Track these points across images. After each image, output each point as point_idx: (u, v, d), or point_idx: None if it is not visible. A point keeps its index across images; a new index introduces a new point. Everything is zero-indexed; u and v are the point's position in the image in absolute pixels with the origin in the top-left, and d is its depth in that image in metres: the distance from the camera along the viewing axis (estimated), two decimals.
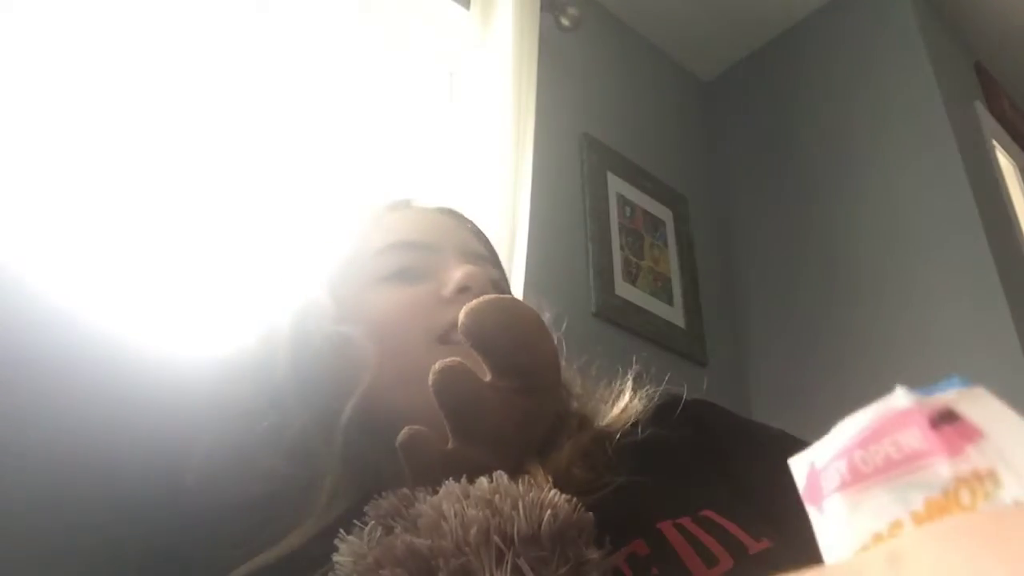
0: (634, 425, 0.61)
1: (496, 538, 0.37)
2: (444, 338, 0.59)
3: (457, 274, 0.61)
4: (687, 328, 1.93)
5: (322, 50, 1.45)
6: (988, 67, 2.36)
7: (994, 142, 2.13)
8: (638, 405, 0.64)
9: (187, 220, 0.97)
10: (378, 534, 0.42)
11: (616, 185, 1.95)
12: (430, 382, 0.49)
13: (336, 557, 0.42)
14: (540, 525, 0.38)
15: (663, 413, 0.64)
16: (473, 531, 0.37)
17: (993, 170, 2.03)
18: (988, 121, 2.16)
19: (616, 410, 0.64)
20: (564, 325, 0.77)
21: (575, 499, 0.43)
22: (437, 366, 0.49)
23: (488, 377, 0.51)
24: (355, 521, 0.44)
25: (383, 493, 0.46)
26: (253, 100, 1.24)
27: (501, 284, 0.68)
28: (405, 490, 0.45)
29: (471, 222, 0.74)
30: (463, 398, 0.49)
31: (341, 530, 0.44)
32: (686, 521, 0.50)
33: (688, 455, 0.62)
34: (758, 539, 0.51)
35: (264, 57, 1.31)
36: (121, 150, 0.98)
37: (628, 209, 1.96)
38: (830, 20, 2.25)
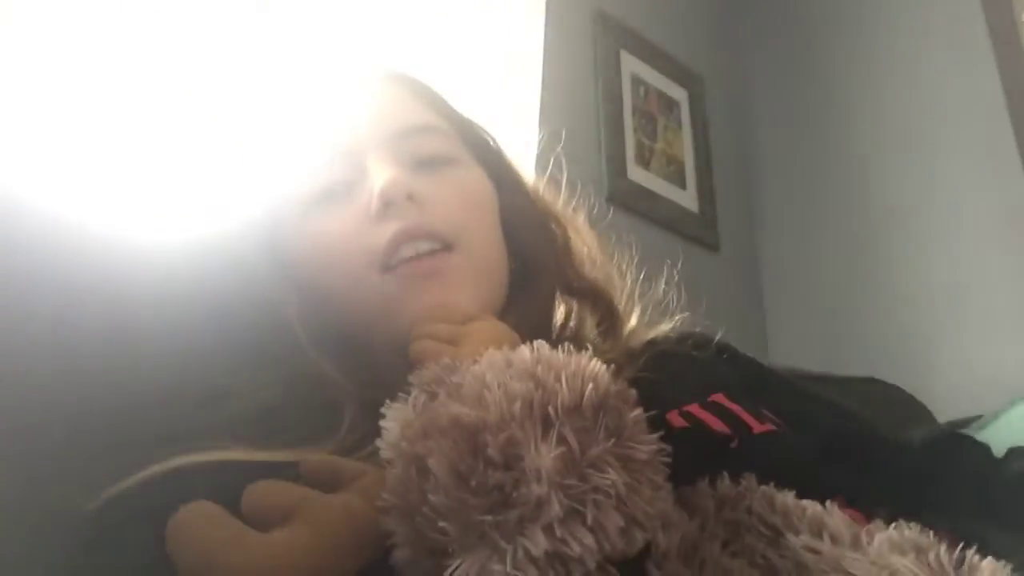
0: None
1: (540, 411, 0.37)
2: (385, 265, 0.58)
3: (375, 187, 0.58)
4: (700, 213, 1.91)
5: None
6: None
7: None
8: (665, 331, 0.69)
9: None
10: (423, 400, 0.42)
11: (630, 64, 1.88)
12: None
13: (382, 423, 0.42)
14: (583, 396, 0.37)
15: (697, 340, 0.67)
16: (518, 405, 0.37)
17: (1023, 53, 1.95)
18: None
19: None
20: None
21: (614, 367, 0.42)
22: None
23: None
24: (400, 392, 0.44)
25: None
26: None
27: (422, 190, 0.61)
28: (447, 360, 0.44)
29: (402, 87, 0.69)
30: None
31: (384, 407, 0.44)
32: (694, 407, 0.52)
33: (704, 366, 0.64)
34: (763, 422, 0.52)
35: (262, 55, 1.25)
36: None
37: (642, 90, 1.90)
38: None
